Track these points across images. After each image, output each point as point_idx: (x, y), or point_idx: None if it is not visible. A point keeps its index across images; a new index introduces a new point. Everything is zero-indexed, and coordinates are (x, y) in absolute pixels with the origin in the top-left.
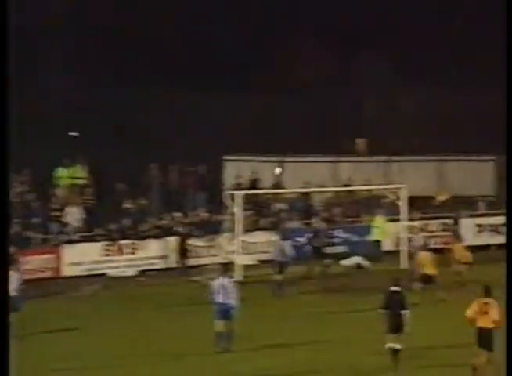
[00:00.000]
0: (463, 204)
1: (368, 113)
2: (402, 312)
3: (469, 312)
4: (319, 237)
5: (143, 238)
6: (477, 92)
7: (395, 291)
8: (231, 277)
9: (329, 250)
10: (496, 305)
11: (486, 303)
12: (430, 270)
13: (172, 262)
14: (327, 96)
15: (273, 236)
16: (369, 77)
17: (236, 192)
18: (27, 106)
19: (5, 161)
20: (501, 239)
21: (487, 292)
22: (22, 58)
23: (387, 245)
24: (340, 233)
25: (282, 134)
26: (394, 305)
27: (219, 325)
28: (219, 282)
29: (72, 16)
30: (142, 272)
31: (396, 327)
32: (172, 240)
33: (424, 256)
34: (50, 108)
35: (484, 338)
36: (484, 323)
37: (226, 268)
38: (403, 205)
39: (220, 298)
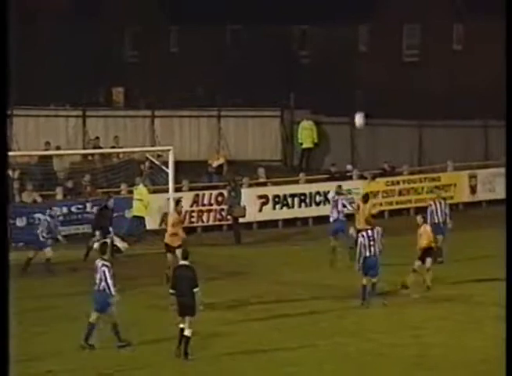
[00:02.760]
0: (242, 170)
1: (127, 56)
2: (194, 290)
3: None
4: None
5: None
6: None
7: (185, 266)
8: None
9: (75, 229)
10: None
11: None
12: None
13: None
14: (73, 30)
15: None
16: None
17: None
18: None
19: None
20: (290, 213)
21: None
22: None
23: (151, 222)
24: (90, 208)
25: (11, 78)
26: (184, 283)
27: (93, 317)
28: (95, 265)
29: None
30: None
31: (187, 309)
32: None
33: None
34: None
35: None
36: None
37: (104, 247)
38: (170, 172)
39: (97, 285)
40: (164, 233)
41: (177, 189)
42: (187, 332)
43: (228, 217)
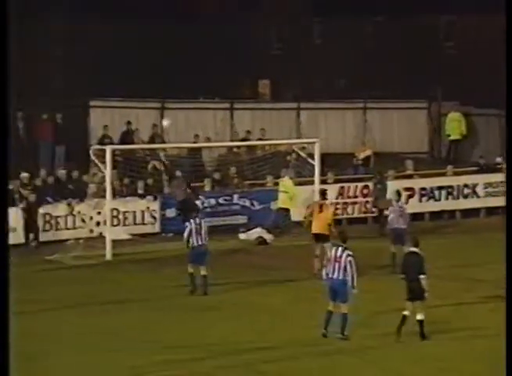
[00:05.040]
0: (388, 163)
1: (273, 48)
2: (420, 276)
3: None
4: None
5: None
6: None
7: (413, 253)
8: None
9: (222, 220)
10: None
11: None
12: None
13: (21, 236)
14: (220, 25)
15: (152, 203)
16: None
17: (104, 146)
18: None
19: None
20: (437, 205)
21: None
22: None
23: (296, 214)
24: (237, 200)
25: (162, 73)
26: (412, 269)
27: (331, 305)
28: (333, 252)
29: None
30: None
31: (415, 294)
32: (20, 209)
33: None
34: None
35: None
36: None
37: (344, 235)
38: (316, 164)
39: (331, 273)
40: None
41: (322, 182)
42: (419, 316)
43: (374, 209)
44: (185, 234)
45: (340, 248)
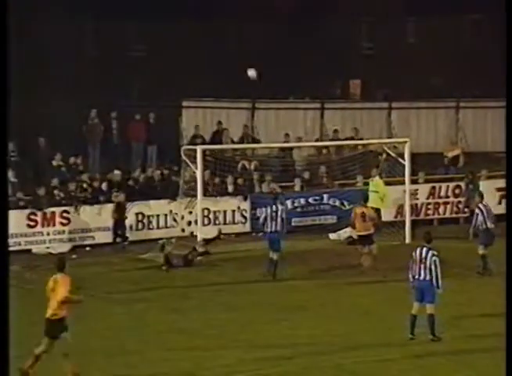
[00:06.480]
0: (481, 162)
1: (364, 48)
2: None
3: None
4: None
5: (78, 204)
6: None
7: None
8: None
9: (312, 220)
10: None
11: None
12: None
13: (109, 235)
14: (310, 25)
15: (243, 203)
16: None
17: (195, 146)
18: None
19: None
20: None
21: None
22: None
23: (386, 214)
24: (327, 199)
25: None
26: None
27: (415, 308)
28: (418, 253)
29: None
30: (75, 248)
31: None
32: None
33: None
34: None
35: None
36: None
37: (429, 236)
38: (406, 164)
39: (417, 274)
40: (400, 225)
41: (413, 182)
42: None
43: (466, 210)
44: (261, 220)
45: (424, 249)
